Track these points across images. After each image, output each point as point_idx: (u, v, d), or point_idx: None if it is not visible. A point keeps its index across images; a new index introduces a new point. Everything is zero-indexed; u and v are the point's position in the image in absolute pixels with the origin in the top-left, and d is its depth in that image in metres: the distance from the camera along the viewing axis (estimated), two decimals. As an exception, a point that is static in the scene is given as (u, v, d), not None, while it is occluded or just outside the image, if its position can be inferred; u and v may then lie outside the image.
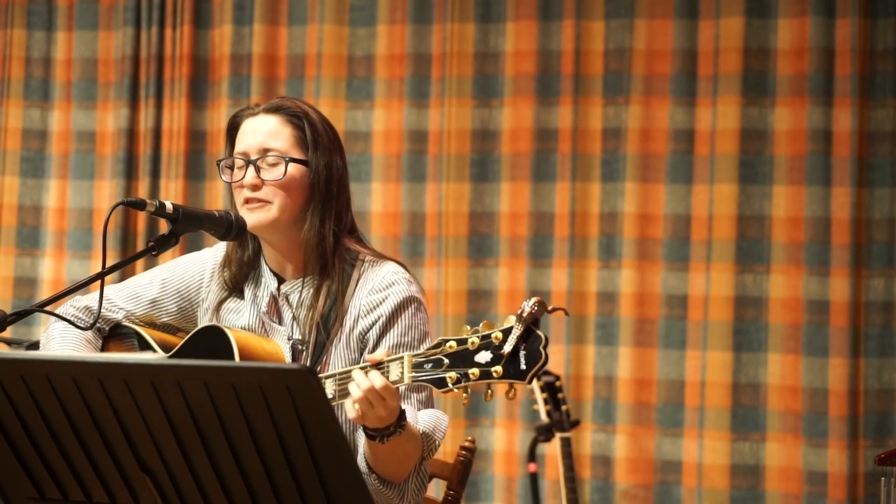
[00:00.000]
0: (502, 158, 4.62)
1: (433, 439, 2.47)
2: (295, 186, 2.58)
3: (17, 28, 4.99)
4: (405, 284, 2.60)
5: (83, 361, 2.11)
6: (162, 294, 2.74)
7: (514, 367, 2.14)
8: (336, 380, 2.36)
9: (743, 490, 4.39)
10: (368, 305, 2.58)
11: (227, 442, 2.01)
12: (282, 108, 2.62)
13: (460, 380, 2.19)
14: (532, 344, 2.13)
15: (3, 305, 4.70)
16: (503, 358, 2.15)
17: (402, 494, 2.45)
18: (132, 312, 2.74)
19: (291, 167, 2.57)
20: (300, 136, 2.61)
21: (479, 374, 2.17)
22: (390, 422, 2.31)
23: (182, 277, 2.76)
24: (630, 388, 4.48)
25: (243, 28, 4.80)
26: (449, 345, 2.21)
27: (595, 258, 4.54)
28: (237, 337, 2.51)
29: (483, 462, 4.58)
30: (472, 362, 2.18)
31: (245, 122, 2.63)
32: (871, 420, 4.33)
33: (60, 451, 2.11)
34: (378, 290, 2.58)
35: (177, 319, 2.76)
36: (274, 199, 2.57)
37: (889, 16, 4.36)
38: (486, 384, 2.18)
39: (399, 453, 2.40)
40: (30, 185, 4.98)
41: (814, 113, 4.36)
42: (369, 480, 2.43)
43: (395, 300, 2.57)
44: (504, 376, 2.15)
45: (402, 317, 2.57)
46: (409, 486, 2.46)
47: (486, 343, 2.17)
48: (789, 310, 4.38)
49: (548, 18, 4.59)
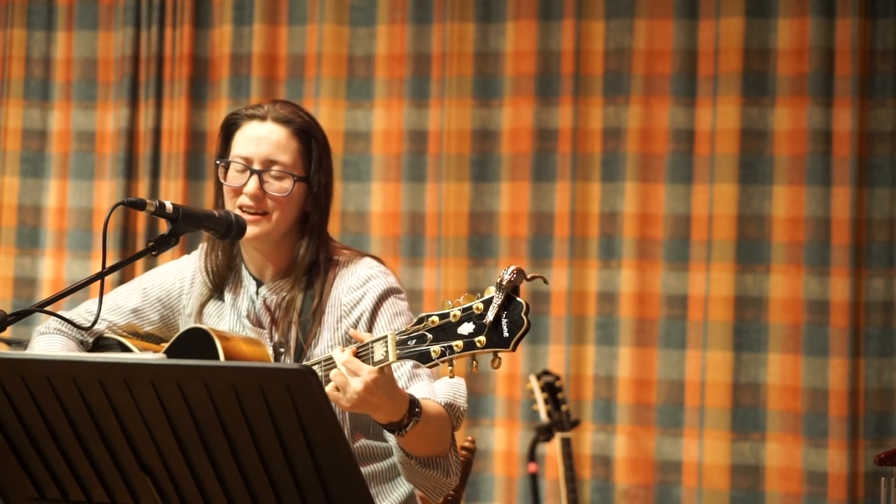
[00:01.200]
0: (502, 158, 4.62)
1: (457, 407, 2.47)
2: (295, 203, 2.61)
3: (17, 28, 4.99)
4: (382, 277, 2.62)
5: (83, 361, 2.11)
6: (143, 303, 2.75)
7: (497, 335, 2.14)
8: (322, 366, 2.38)
9: (743, 490, 4.40)
10: (349, 304, 2.59)
11: (227, 442, 2.01)
12: (291, 121, 2.62)
13: (445, 353, 2.19)
14: (513, 311, 2.13)
15: (3, 305, 4.70)
16: (486, 328, 2.14)
17: (447, 471, 2.46)
18: (114, 323, 2.74)
19: (298, 185, 2.59)
20: (306, 152, 2.62)
21: (462, 345, 2.17)
22: (402, 414, 2.32)
23: (162, 286, 2.77)
24: (630, 388, 4.48)
25: (243, 28, 4.80)
26: (431, 319, 2.21)
27: (595, 258, 4.54)
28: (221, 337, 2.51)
29: (483, 462, 4.58)
30: (456, 334, 2.18)
31: (248, 125, 2.63)
32: (871, 420, 4.33)
33: (60, 451, 2.11)
34: (356, 287, 2.60)
35: (159, 328, 2.76)
36: (273, 212, 2.59)
37: (889, 16, 4.36)
38: (470, 355, 2.18)
39: (429, 436, 2.40)
40: (30, 185, 4.98)
41: (814, 113, 4.36)
42: (411, 465, 2.43)
43: (374, 293, 2.59)
44: (488, 345, 2.15)
45: (384, 307, 2.59)
46: (451, 461, 2.46)
47: (468, 314, 2.17)
48: (789, 310, 4.38)
49: (548, 18, 4.59)
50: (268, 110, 2.63)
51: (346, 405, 2.28)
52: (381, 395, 2.28)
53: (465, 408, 2.49)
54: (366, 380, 2.25)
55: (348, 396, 2.27)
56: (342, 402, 2.28)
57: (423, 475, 2.44)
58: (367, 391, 2.26)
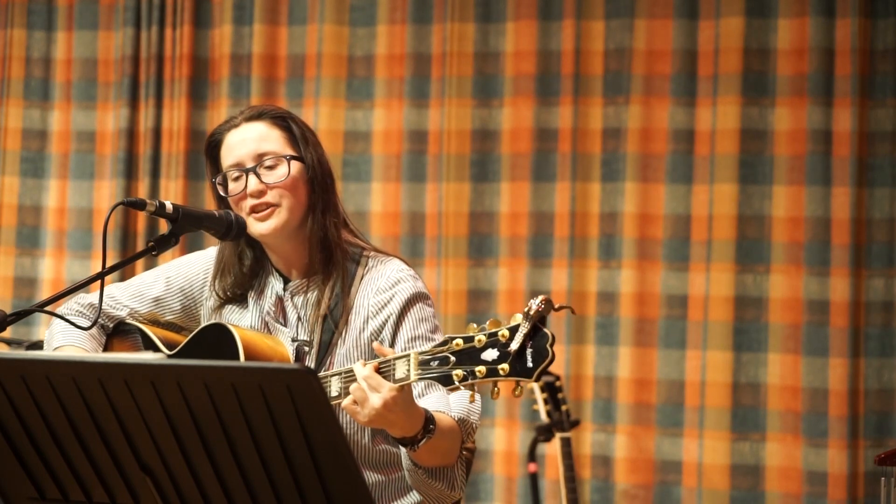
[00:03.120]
0: (502, 158, 4.62)
1: (469, 423, 2.47)
2: (298, 185, 2.60)
3: (17, 28, 4.99)
4: (411, 281, 2.61)
5: (83, 361, 2.11)
6: (166, 292, 2.75)
7: (520, 364, 2.14)
8: (342, 377, 2.37)
9: (743, 490, 4.40)
10: (377, 306, 2.59)
11: (227, 442, 2.01)
12: (264, 113, 2.63)
13: (467, 377, 2.18)
14: (539, 342, 2.13)
15: (3, 305, 4.70)
16: (510, 356, 2.14)
17: (452, 484, 2.46)
18: (136, 310, 2.74)
19: (293, 165, 2.58)
20: (289, 135, 2.62)
21: (485, 371, 2.17)
22: (416, 430, 2.32)
23: (186, 276, 2.76)
24: (630, 388, 4.48)
25: (243, 28, 4.80)
26: (455, 342, 2.20)
27: (595, 258, 4.54)
28: (242, 335, 2.51)
29: (483, 462, 4.58)
30: (479, 360, 2.17)
31: (228, 136, 2.63)
32: (871, 420, 4.33)
33: (60, 451, 2.11)
34: (384, 289, 2.59)
35: (180, 318, 2.76)
36: (281, 202, 2.58)
37: (889, 16, 4.36)
38: (492, 382, 2.17)
39: (440, 449, 2.41)
40: (30, 185, 4.98)
41: (814, 113, 4.36)
42: (417, 475, 2.43)
43: (402, 297, 2.58)
44: (511, 374, 2.14)
45: (411, 312, 2.58)
46: (456, 474, 2.47)
47: (493, 341, 2.17)
48: (789, 310, 4.38)
49: (548, 18, 4.59)
50: (240, 115, 2.65)
51: (363, 420, 2.29)
52: (399, 412, 2.28)
53: (477, 424, 2.49)
54: (385, 397, 2.26)
55: (366, 412, 2.27)
56: (359, 417, 2.29)
57: (428, 485, 2.45)
58: (386, 408, 2.26)
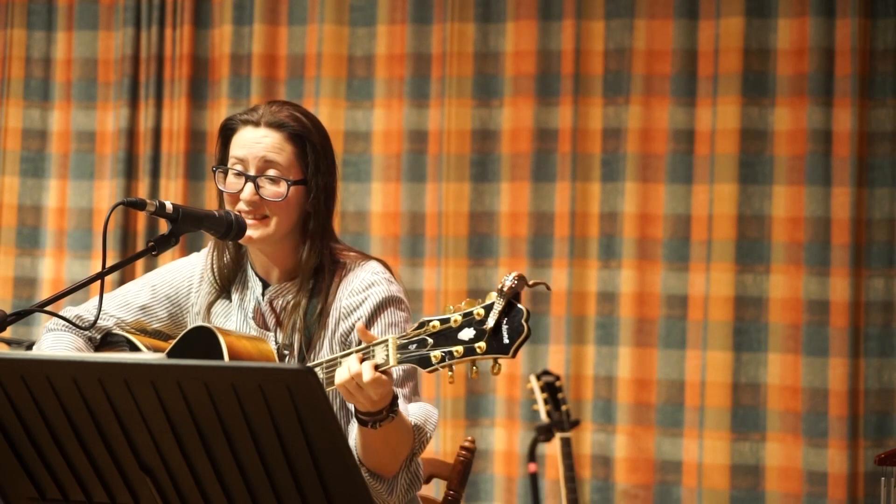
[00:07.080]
0: (502, 158, 4.62)
1: (424, 431, 2.47)
2: (293, 205, 2.59)
3: (17, 28, 4.99)
4: (385, 285, 2.60)
5: (83, 361, 2.11)
6: (152, 300, 2.75)
7: (497, 341, 2.14)
8: (323, 368, 2.38)
9: (743, 490, 4.40)
10: (349, 308, 2.59)
11: (227, 442, 2.01)
12: (284, 126, 2.59)
13: (444, 358, 2.19)
14: (514, 318, 2.14)
15: (3, 305, 4.70)
16: (486, 333, 2.15)
17: (392, 489, 2.45)
18: (123, 320, 2.74)
19: (294, 188, 2.58)
20: (301, 155, 2.60)
21: (463, 351, 2.17)
22: (383, 405, 2.32)
23: (171, 283, 2.77)
24: (630, 388, 4.48)
25: (243, 28, 4.80)
26: (432, 324, 2.21)
27: (595, 258, 4.54)
28: (226, 337, 2.51)
29: (483, 462, 4.58)
30: (456, 340, 2.18)
31: (243, 130, 2.62)
32: (871, 420, 4.33)
33: (60, 451, 2.11)
34: (358, 291, 2.59)
35: (167, 326, 2.76)
36: (272, 216, 2.59)
37: (889, 16, 4.36)
38: (470, 361, 2.18)
39: (391, 442, 2.41)
40: (30, 185, 4.98)
41: (814, 113, 4.36)
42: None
43: (374, 301, 2.58)
44: (488, 351, 2.15)
45: (382, 316, 2.58)
46: (398, 481, 2.46)
47: (469, 320, 2.18)
48: (789, 310, 4.38)
49: (548, 18, 4.59)
50: (262, 114, 2.60)
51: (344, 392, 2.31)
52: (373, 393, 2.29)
53: (430, 436, 2.49)
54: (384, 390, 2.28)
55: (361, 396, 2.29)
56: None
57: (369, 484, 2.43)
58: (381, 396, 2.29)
